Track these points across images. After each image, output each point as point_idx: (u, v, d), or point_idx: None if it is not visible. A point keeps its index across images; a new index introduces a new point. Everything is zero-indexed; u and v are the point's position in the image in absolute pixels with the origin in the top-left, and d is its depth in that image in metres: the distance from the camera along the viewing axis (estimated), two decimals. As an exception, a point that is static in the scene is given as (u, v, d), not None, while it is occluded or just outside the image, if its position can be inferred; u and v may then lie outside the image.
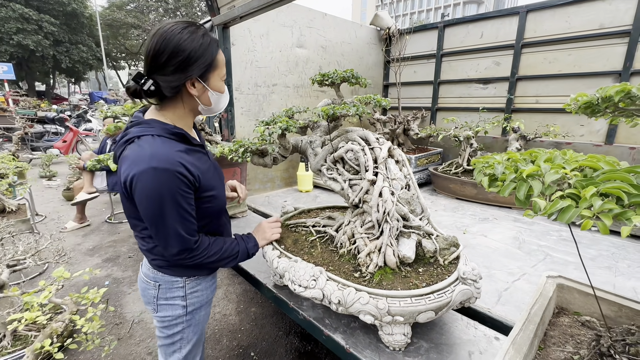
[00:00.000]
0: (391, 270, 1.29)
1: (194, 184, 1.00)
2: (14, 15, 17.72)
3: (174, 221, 0.96)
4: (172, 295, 1.14)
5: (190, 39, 0.93)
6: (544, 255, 2.05)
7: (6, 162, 3.69)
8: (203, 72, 0.98)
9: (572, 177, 0.65)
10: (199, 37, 0.95)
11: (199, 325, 1.23)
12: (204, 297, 1.21)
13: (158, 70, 0.94)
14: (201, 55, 0.95)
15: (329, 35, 3.83)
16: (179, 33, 0.92)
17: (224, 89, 1.07)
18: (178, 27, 0.93)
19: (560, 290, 1.22)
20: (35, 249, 2.45)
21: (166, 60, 0.92)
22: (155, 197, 0.92)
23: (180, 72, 0.94)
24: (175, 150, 0.97)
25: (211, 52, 0.98)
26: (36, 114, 9.11)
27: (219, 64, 1.02)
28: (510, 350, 0.88)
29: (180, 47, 0.92)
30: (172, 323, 1.16)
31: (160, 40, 0.92)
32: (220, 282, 3.32)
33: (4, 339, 2.12)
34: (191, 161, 1.00)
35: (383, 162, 1.39)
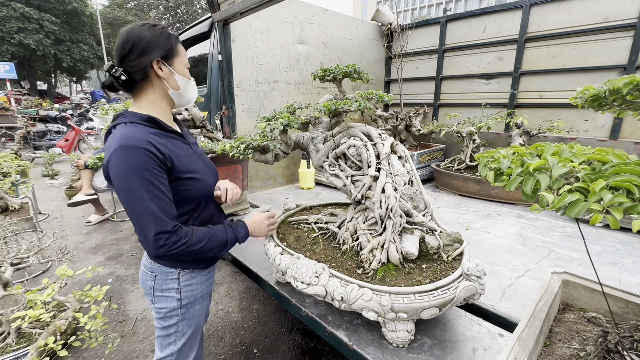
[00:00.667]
0: (394, 266, 1.28)
1: (165, 163, 1.03)
2: (15, 14, 17.73)
3: (145, 199, 0.98)
4: (167, 287, 1.16)
5: (149, 30, 1.06)
6: (548, 252, 2.04)
7: (9, 160, 3.70)
8: (165, 56, 1.07)
9: (580, 171, 0.64)
10: (157, 29, 1.07)
11: (193, 319, 1.24)
12: (198, 291, 1.22)
13: (125, 59, 1.04)
14: (160, 42, 1.06)
15: (330, 31, 3.80)
16: (139, 27, 1.06)
17: (189, 77, 1.16)
18: (139, 24, 1.07)
19: (565, 286, 1.21)
20: (38, 247, 2.45)
21: (130, 48, 1.03)
22: (125, 174, 0.97)
23: (144, 55, 1.04)
24: (145, 132, 1.04)
25: (170, 41, 1.09)
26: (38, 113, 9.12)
27: (180, 52, 1.12)
28: (516, 346, 0.87)
29: (141, 36, 1.04)
30: (168, 315, 1.18)
31: (124, 34, 1.05)
32: (223, 279, 3.32)
33: (8, 337, 2.13)
34: (162, 142, 1.05)
35: (386, 158, 1.38)
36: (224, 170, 2.46)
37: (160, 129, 1.10)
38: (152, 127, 1.08)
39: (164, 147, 1.03)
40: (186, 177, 1.10)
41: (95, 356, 2.26)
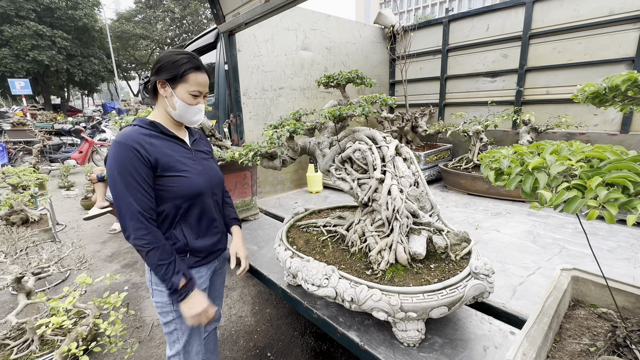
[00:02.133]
0: (402, 267, 1.30)
1: (148, 160, 1.17)
2: (28, 32, 18.39)
3: (124, 189, 1.12)
4: (156, 281, 1.27)
5: (170, 55, 1.23)
6: (559, 249, 2.02)
7: (28, 174, 3.84)
8: (170, 79, 1.22)
9: (577, 168, 0.66)
10: (176, 55, 1.24)
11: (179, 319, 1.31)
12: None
13: (151, 74, 1.27)
14: (171, 67, 1.21)
15: (333, 36, 3.85)
16: (168, 51, 1.26)
17: (190, 102, 1.26)
18: (172, 50, 1.28)
19: (575, 282, 1.21)
20: (58, 256, 2.55)
21: (153, 66, 1.26)
22: (112, 166, 1.14)
23: (156, 74, 1.24)
24: (139, 132, 1.20)
25: (180, 68, 1.22)
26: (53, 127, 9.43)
27: (189, 81, 1.23)
28: (524, 343, 0.89)
29: (161, 57, 1.24)
30: (164, 310, 1.29)
31: (160, 56, 1.27)
32: (235, 284, 3.38)
33: (32, 344, 2.22)
34: (153, 142, 1.20)
35: (391, 160, 1.40)
36: (233, 177, 2.52)
37: (158, 132, 1.26)
38: (150, 130, 1.24)
39: (152, 146, 1.19)
40: (171, 175, 1.22)
41: (115, 362, 2.33)
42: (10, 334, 2.34)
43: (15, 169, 3.74)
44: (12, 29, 18.10)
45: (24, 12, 18.40)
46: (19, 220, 3.44)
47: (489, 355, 1.21)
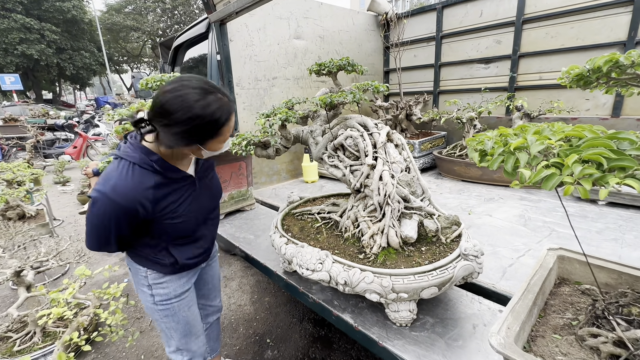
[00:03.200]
0: (394, 250, 1.33)
1: (144, 217, 1.04)
2: (16, 25, 17.97)
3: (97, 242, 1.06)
4: (140, 282, 1.26)
5: (200, 111, 0.93)
6: (549, 231, 2.07)
7: (22, 169, 3.82)
8: (202, 139, 1.00)
9: (556, 147, 0.68)
10: (212, 110, 0.95)
11: (178, 314, 1.30)
12: (171, 289, 1.26)
13: (163, 126, 0.96)
14: (206, 130, 0.98)
15: (326, 25, 3.81)
16: (193, 102, 0.92)
17: (221, 147, 1.09)
18: (194, 96, 0.93)
19: (561, 261, 1.25)
20: (56, 250, 2.57)
21: (174, 123, 0.94)
22: (97, 216, 1.01)
23: (182, 138, 0.97)
24: (144, 186, 1.02)
25: (218, 126, 0.99)
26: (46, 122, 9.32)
27: (223, 132, 1.03)
28: (509, 317, 0.93)
29: (186, 114, 0.93)
30: (150, 309, 1.28)
31: (174, 101, 0.92)
32: (234, 274, 3.42)
33: (35, 336, 2.26)
34: (157, 195, 1.05)
35: (382, 147, 1.42)
36: (228, 167, 2.53)
37: (164, 178, 1.07)
38: (155, 175, 1.05)
39: (154, 202, 1.04)
40: (167, 221, 1.10)
41: (117, 351, 2.37)
42: (13, 327, 2.38)
43: (10, 164, 3.72)
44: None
45: (10, 4, 17.95)
46: (15, 216, 3.44)
47: (478, 332, 1.25)
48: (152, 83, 2.03)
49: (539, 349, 0.92)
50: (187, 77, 0.98)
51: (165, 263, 1.22)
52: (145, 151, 1.04)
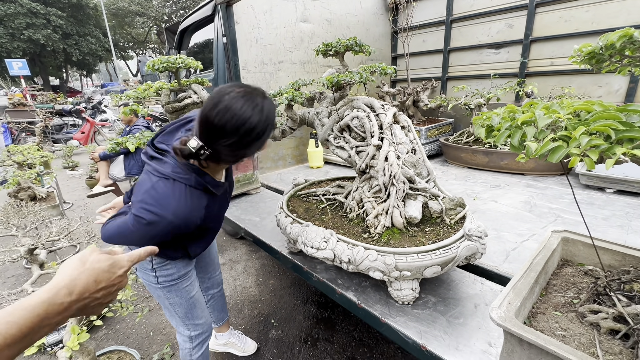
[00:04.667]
0: (398, 230, 1.35)
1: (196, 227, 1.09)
2: (22, 10, 17.92)
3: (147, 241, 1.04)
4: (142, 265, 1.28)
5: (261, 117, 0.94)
6: (555, 217, 2.06)
7: (33, 152, 3.89)
8: (262, 145, 1.03)
9: (564, 120, 0.68)
10: (267, 114, 0.96)
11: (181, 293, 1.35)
12: (174, 270, 1.29)
13: (226, 146, 0.94)
14: (267, 133, 1.00)
15: (333, 8, 3.74)
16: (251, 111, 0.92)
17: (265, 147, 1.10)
18: (245, 104, 0.92)
19: (565, 243, 1.26)
20: (67, 230, 2.63)
21: (238, 139, 0.93)
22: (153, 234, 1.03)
23: (248, 149, 0.98)
24: (199, 207, 1.06)
25: (273, 125, 1.01)
26: (54, 107, 9.39)
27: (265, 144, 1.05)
28: (511, 294, 0.94)
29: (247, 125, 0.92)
30: (152, 288, 1.32)
31: (228, 117, 0.90)
32: (240, 257, 3.48)
33: (48, 311, 2.34)
34: (204, 214, 1.09)
35: (388, 128, 1.42)
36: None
37: (210, 194, 1.12)
38: (205, 193, 1.09)
39: (201, 218, 1.08)
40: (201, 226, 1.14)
41: (127, 327, 2.45)
42: (27, 303, 2.46)
43: (20, 147, 3.78)
44: (5, 7, 17.64)
45: (15, -12, 17.87)
46: (27, 197, 3.51)
47: (479, 311, 1.27)
48: (159, 64, 2.04)
49: (539, 324, 0.93)
50: (224, 88, 0.95)
51: (176, 255, 1.26)
52: (197, 171, 1.05)
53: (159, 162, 1.06)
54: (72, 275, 0.52)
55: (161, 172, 1.03)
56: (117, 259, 0.59)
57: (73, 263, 0.55)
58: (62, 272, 0.54)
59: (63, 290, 0.49)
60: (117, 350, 2.08)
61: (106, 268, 0.56)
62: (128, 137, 2.06)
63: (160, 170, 1.04)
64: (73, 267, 0.54)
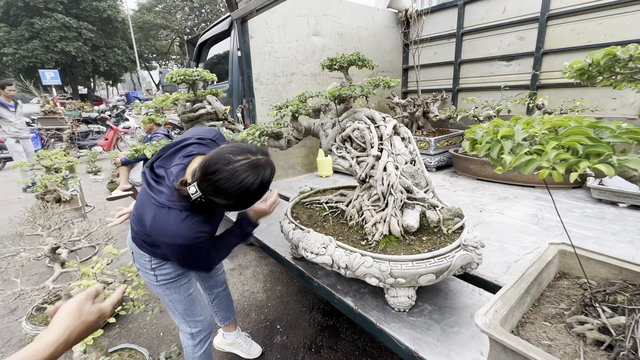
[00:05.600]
0: (396, 238, 1.38)
1: None
2: (56, 24, 19.15)
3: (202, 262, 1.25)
4: (143, 265, 1.37)
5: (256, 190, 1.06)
6: (562, 231, 2.04)
7: (59, 157, 4.14)
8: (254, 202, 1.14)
9: (539, 135, 0.72)
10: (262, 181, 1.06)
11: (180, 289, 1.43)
12: (172, 270, 1.38)
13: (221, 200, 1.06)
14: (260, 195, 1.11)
15: (344, 22, 3.86)
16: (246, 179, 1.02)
17: None
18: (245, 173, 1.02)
19: (562, 256, 1.26)
20: (87, 231, 2.79)
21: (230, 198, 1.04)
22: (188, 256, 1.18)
23: (238, 206, 1.15)
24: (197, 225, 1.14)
25: (267, 188, 1.11)
26: (81, 115, 9.91)
27: None
28: (499, 302, 0.96)
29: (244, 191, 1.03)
30: (153, 286, 1.41)
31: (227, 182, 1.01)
32: (249, 263, 3.56)
33: (67, 308, 2.47)
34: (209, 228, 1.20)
35: (388, 139, 1.47)
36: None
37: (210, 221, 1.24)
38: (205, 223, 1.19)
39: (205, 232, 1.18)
40: None
41: (139, 327, 2.55)
42: (49, 299, 2.61)
43: (48, 152, 4.04)
44: (42, 22, 18.90)
45: (52, 4, 19.14)
46: (52, 200, 3.73)
47: (475, 321, 1.28)
48: (177, 77, 2.17)
49: (526, 333, 0.95)
50: (229, 150, 1.04)
51: None
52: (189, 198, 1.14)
53: (155, 192, 1.16)
54: (70, 327, 0.64)
55: (158, 201, 1.13)
56: (104, 308, 0.71)
57: (71, 312, 0.66)
58: (60, 322, 0.64)
59: (61, 346, 0.61)
60: (128, 348, 2.17)
61: (96, 319, 0.69)
62: (146, 145, 2.20)
63: (157, 200, 1.14)
64: (71, 317, 0.65)
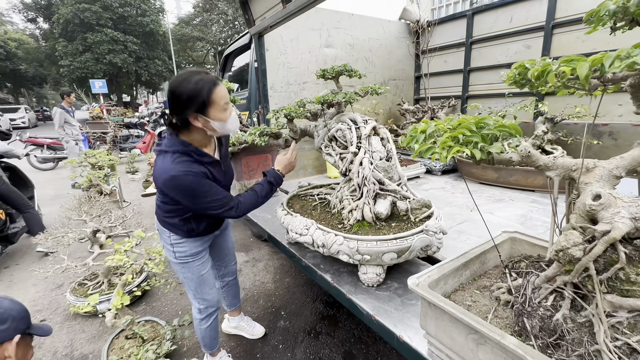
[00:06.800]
0: (368, 224, 1.60)
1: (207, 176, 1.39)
2: (106, 38, 21.13)
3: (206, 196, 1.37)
4: (165, 241, 1.61)
5: (186, 86, 1.24)
6: (544, 229, 2.13)
7: (103, 156, 4.73)
8: (199, 109, 1.28)
9: (443, 130, 0.93)
10: (193, 83, 1.24)
11: (193, 270, 1.63)
12: (188, 249, 1.59)
13: (172, 112, 1.31)
14: (194, 98, 1.25)
15: (356, 34, 4.12)
16: (179, 83, 1.26)
17: (226, 117, 1.34)
18: (180, 77, 1.27)
19: (513, 242, 1.42)
20: (122, 218, 3.23)
21: (172, 104, 1.29)
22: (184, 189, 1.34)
23: (181, 112, 1.29)
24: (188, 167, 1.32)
25: (202, 95, 1.25)
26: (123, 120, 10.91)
27: (215, 99, 1.28)
28: (434, 270, 1.16)
29: (179, 92, 1.25)
30: (172, 263, 1.65)
31: (169, 89, 1.29)
32: (262, 257, 3.86)
33: (103, 285, 2.89)
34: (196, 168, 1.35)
35: (366, 138, 1.70)
36: (256, 158, 2.97)
37: (197, 161, 1.37)
38: (190, 159, 1.35)
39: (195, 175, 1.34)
40: None
41: (162, 306, 2.90)
42: (88, 277, 3.06)
43: (93, 151, 4.64)
44: (94, 36, 20.95)
45: (103, 20, 21.17)
46: (95, 192, 4.29)
47: (431, 296, 1.47)
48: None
49: (456, 297, 1.14)
50: (183, 71, 1.31)
51: (185, 229, 1.55)
52: (183, 143, 1.35)
53: (159, 145, 1.42)
54: None
55: (160, 148, 1.39)
56: None
57: None
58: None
59: None
60: (151, 320, 2.52)
61: None
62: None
63: (159, 147, 1.39)
64: None
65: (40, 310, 2.86)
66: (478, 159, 0.80)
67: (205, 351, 1.95)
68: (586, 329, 0.79)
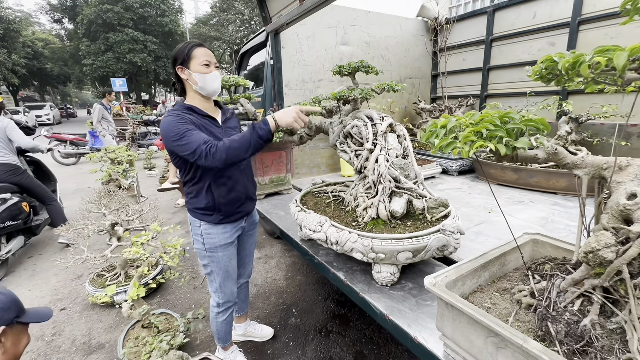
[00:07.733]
0: (383, 222, 1.58)
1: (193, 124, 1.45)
2: (127, 38, 21.73)
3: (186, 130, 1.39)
4: (195, 232, 1.64)
5: (176, 48, 1.55)
6: (567, 233, 2.05)
7: (122, 152, 4.85)
8: (182, 62, 1.50)
9: (465, 125, 0.90)
10: (182, 45, 1.55)
11: (220, 263, 1.66)
12: (217, 240, 1.61)
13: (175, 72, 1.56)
14: (179, 53, 1.52)
15: (372, 31, 4.07)
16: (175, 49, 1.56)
17: (204, 70, 1.51)
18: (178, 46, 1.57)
19: (535, 244, 1.37)
20: (139, 212, 3.30)
21: (172, 61, 1.56)
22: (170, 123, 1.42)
23: (173, 66, 1.55)
24: (182, 111, 1.49)
25: (184, 50, 1.51)
26: (142, 118, 11.19)
27: (195, 54, 1.50)
28: (452, 270, 1.13)
29: (172, 55, 1.56)
30: (201, 255, 1.67)
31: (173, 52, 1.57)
32: (274, 254, 3.87)
33: (120, 277, 2.96)
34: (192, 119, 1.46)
35: (382, 135, 1.67)
36: (270, 155, 2.98)
37: (195, 114, 1.51)
38: (190, 113, 1.49)
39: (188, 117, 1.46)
40: None
41: (175, 299, 2.95)
42: (107, 268, 3.14)
43: (113, 147, 4.77)
44: (115, 36, 21.58)
45: (124, 21, 21.78)
46: (114, 187, 4.40)
47: (447, 297, 1.43)
48: (222, 83, 2.54)
49: (474, 298, 1.10)
50: None
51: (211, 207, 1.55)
52: (184, 105, 1.54)
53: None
54: None
55: (168, 111, 1.53)
56: None
57: None
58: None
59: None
60: (165, 313, 2.56)
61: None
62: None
63: (169, 110, 1.55)
64: None
65: (61, 299, 2.95)
66: (502, 154, 0.76)
67: (219, 344, 1.97)
68: (617, 336, 0.75)
